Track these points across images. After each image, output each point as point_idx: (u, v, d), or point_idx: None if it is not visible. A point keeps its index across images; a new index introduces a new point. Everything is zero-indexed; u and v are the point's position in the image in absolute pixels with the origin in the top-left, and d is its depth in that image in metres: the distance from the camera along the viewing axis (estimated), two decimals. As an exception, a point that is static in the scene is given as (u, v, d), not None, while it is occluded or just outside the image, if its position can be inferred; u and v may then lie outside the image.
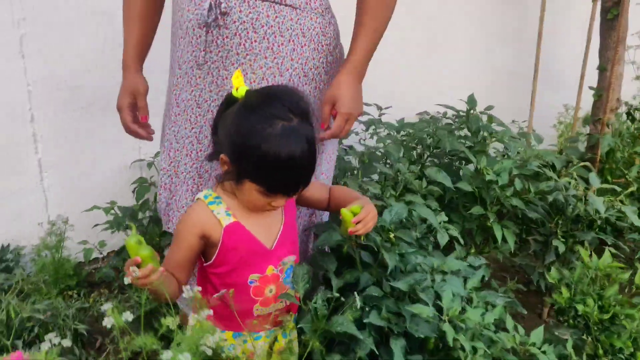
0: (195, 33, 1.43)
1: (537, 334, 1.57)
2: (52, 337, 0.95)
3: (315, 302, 1.36)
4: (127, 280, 1.13)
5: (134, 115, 1.59)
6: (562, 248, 2.07)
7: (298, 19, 1.46)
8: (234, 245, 1.33)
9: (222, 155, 1.29)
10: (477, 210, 2.13)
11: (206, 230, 1.31)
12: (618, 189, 2.33)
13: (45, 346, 0.95)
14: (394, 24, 1.53)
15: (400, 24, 3.04)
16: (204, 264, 1.37)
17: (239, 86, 1.27)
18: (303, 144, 1.22)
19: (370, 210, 1.38)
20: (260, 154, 1.20)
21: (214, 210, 1.32)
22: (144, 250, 1.15)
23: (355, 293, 1.35)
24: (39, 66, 2.20)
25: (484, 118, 2.43)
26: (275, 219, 1.40)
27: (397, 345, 1.39)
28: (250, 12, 1.41)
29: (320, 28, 1.50)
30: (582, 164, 2.41)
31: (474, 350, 1.44)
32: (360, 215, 1.36)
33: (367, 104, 2.64)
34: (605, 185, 2.20)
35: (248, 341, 1.39)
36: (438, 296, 1.50)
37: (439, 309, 1.44)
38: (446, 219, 1.83)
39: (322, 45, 1.52)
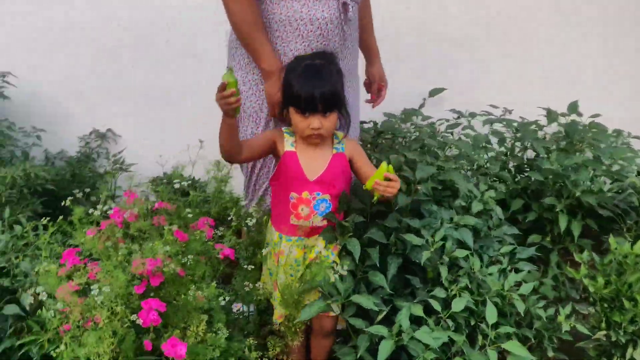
0: (328, 27, 2.03)
1: (527, 287, 1.86)
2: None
3: (347, 221, 1.89)
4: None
5: None
6: (613, 245, 2.20)
7: None
8: (285, 166, 1.88)
9: None
10: (550, 200, 2.37)
11: (277, 143, 1.91)
12: None
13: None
14: (539, 36, 1.88)
15: (548, 37, 3.28)
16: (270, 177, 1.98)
17: None
18: (319, 73, 1.79)
19: (397, 181, 1.76)
20: (291, 79, 1.82)
21: (286, 138, 1.91)
22: (231, 78, 1.66)
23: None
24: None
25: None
26: (322, 162, 1.89)
27: (393, 262, 1.85)
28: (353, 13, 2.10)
29: None
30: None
31: (458, 283, 1.82)
32: (391, 175, 1.74)
33: (494, 106, 3.00)
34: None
35: (283, 241, 1.92)
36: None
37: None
38: (494, 194, 2.15)
39: None
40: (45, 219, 1.78)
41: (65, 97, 3.15)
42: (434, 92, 2.93)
